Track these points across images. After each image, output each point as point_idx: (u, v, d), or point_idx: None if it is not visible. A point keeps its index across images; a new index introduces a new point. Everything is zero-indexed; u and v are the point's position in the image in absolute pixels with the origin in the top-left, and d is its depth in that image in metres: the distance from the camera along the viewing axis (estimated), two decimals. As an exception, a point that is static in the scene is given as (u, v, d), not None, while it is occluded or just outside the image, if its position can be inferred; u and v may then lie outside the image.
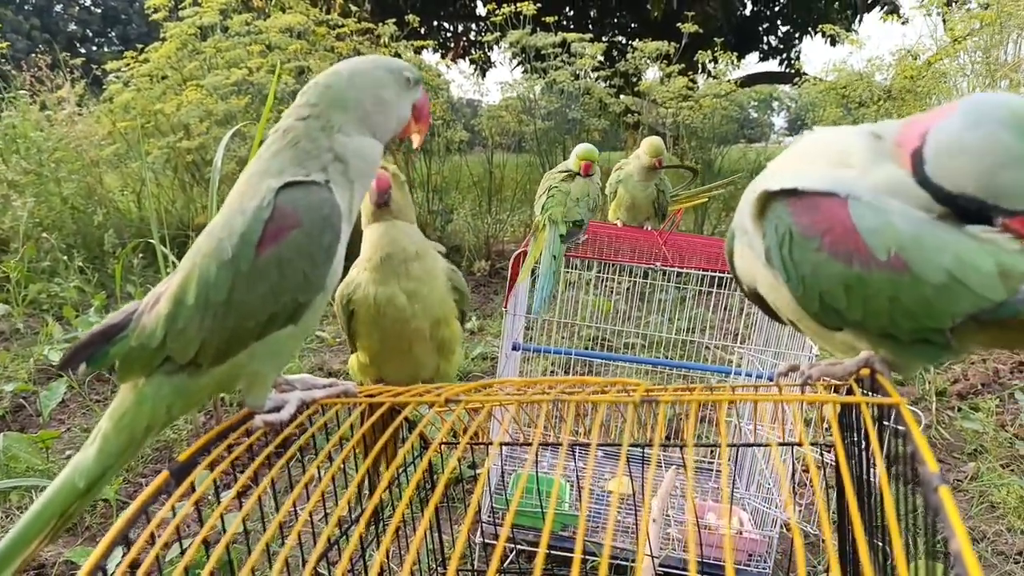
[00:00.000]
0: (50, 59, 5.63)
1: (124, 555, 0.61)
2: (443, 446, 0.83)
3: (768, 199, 0.76)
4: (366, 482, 1.34)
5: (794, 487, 1.78)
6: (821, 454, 1.31)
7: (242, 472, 0.78)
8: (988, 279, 0.62)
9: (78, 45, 27.25)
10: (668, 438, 2.30)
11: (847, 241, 0.67)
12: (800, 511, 1.93)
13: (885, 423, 0.63)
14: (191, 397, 0.80)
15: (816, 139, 0.79)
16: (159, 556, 0.58)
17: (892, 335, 0.70)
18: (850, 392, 0.71)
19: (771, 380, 0.83)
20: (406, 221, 1.31)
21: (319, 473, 0.73)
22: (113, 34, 29.18)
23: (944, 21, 4.88)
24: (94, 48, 28.61)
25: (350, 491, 0.70)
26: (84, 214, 4.74)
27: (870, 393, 0.64)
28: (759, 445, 1.39)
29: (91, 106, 5.48)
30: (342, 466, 0.78)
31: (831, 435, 0.64)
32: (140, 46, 5.04)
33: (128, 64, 4.95)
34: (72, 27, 28.57)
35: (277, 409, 0.84)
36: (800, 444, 0.69)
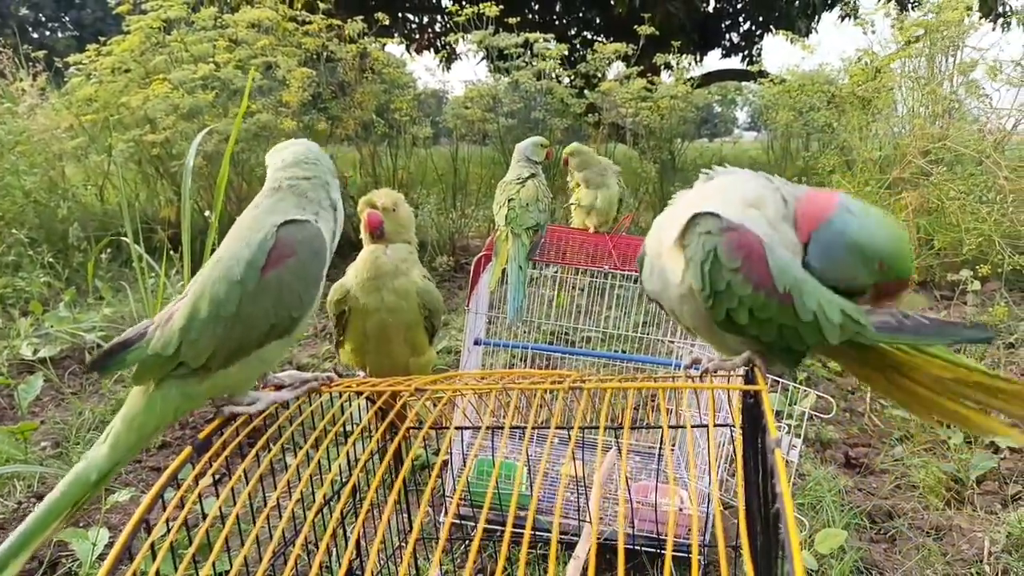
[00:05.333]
0: (10, 51, 5.57)
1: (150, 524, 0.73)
2: (419, 432, 0.97)
3: (694, 220, 0.92)
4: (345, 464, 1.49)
5: (731, 467, 1.95)
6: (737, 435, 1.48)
7: (242, 456, 0.91)
8: (833, 328, 0.86)
9: (31, 30, 26.49)
10: (609, 424, 2.44)
11: (760, 271, 0.86)
12: (733, 487, 2.10)
13: (815, 412, 0.78)
14: (193, 400, 0.94)
15: (735, 180, 0.97)
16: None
17: (769, 344, 0.91)
18: (750, 380, 0.86)
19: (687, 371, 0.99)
20: (404, 240, 1.62)
21: (324, 458, 0.87)
22: (67, 19, 28.38)
23: (892, 27, 5.10)
24: (47, 33, 27.85)
25: (333, 471, 0.83)
26: (47, 208, 4.73)
27: (752, 382, 0.80)
28: (676, 427, 1.57)
29: (52, 98, 5.44)
30: (323, 451, 0.91)
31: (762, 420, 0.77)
32: (103, 39, 5.01)
33: (91, 57, 4.93)
34: (24, 11, 27.67)
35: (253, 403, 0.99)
36: (704, 426, 0.84)
